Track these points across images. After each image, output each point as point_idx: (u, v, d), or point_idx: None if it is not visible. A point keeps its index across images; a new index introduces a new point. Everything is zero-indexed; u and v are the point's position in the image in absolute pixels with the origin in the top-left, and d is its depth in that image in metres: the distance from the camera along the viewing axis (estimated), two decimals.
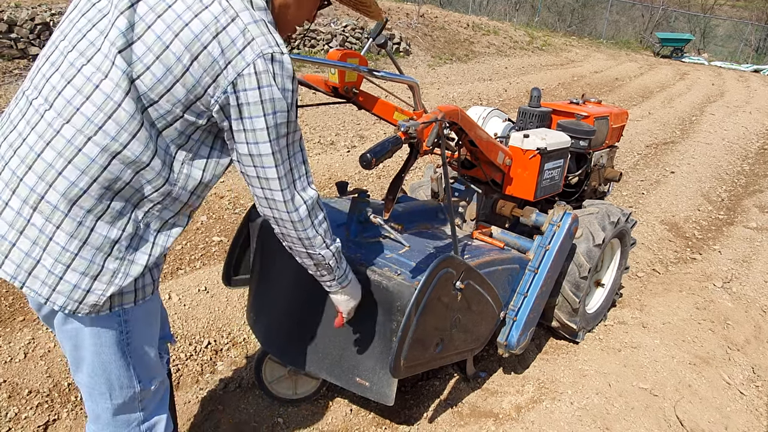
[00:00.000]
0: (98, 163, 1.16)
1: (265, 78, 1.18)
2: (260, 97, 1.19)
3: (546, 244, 2.42)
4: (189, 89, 1.17)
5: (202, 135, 1.27)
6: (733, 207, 5.54)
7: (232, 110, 1.20)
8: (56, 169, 1.16)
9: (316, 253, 1.44)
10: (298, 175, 1.33)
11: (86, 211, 1.18)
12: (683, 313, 3.24)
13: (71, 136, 1.16)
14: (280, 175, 1.28)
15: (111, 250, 1.23)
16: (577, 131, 2.86)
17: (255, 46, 1.17)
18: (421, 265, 1.90)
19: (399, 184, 1.74)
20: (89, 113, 1.16)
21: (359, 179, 4.95)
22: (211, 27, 1.15)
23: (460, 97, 8.91)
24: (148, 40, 1.15)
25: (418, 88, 1.82)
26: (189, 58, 1.15)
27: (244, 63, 1.16)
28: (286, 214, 1.34)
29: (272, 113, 1.21)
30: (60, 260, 1.19)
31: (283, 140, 1.26)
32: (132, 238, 1.25)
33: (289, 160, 1.29)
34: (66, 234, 1.18)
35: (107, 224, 1.21)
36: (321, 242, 1.43)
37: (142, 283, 1.32)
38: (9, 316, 2.63)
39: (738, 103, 11.57)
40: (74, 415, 2.22)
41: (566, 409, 2.35)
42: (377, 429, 2.28)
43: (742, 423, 2.45)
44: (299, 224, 1.36)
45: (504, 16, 22.73)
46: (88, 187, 1.17)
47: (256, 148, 1.24)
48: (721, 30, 27.18)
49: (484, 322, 2.19)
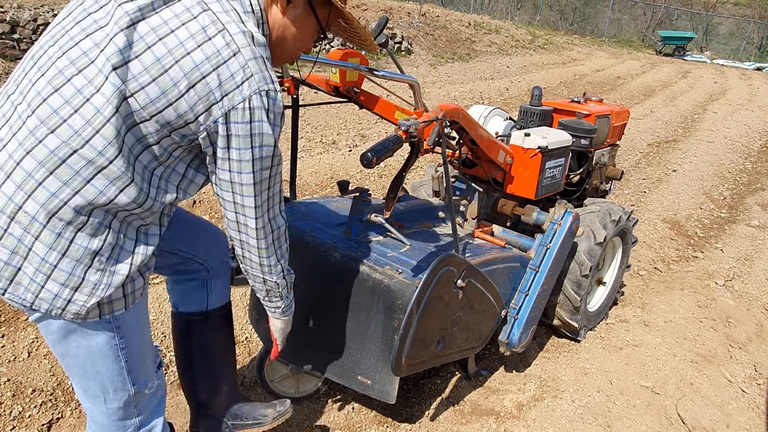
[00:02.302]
0: (82, 176, 1.15)
1: (257, 113, 1.21)
2: (251, 131, 1.22)
3: (547, 242, 2.43)
4: (180, 114, 1.18)
5: (182, 153, 1.28)
6: (735, 205, 5.53)
7: (220, 139, 1.22)
8: (36, 180, 1.14)
9: (273, 280, 1.49)
10: (272, 204, 1.37)
11: (66, 222, 1.16)
12: (685, 312, 3.24)
13: (55, 147, 1.13)
14: (257, 204, 1.32)
15: (92, 261, 1.21)
16: (579, 130, 2.86)
17: (253, 82, 1.19)
18: (422, 263, 1.90)
19: (400, 183, 1.75)
20: (77, 126, 1.14)
21: (361, 178, 4.96)
22: (213, 59, 1.16)
23: (462, 96, 8.91)
24: (146, 61, 1.14)
25: (418, 87, 1.82)
26: (186, 85, 1.16)
27: (240, 97, 1.19)
28: (255, 240, 1.38)
29: (259, 146, 1.24)
30: (40, 270, 1.18)
31: (266, 172, 1.29)
32: (113, 248, 1.24)
33: (268, 191, 1.33)
34: (45, 246, 1.16)
35: (88, 236, 1.19)
36: (280, 270, 1.48)
37: (132, 288, 1.31)
38: (13, 316, 2.65)
39: (740, 101, 11.55)
40: (78, 413, 2.23)
41: (568, 407, 2.35)
42: (379, 427, 2.29)
43: (744, 421, 2.45)
44: (264, 251, 1.41)
45: (506, 15, 22.70)
46: (69, 199, 1.15)
47: (238, 177, 1.27)
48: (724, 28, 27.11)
49: (485, 321, 2.20)
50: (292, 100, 2.11)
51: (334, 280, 1.92)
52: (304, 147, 5.68)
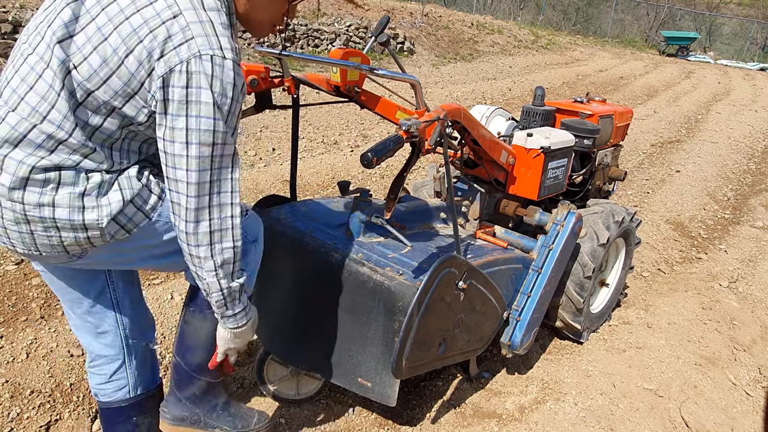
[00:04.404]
0: (45, 147, 1.19)
1: (195, 79, 1.14)
2: (186, 97, 1.15)
3: (550, 243, 2.41)
4: (125, 82, 1.17)
5: (147, 130, 1.28)
6: (739, 206, 5.50)
7: (158, 104, 1.18)
8: (1, 154, 1.19)
9: (205, 279, 1.32)
10: (216, 191, 1.24)
11: (41, 181, 1.21)
12: (689, 313, 3.21)
13: (15, 123, 1.18)
14: (190, 181, 1.20)
15: (82, 202, 1.25)
16: (581, 130, 2.84)
17: (193, 44, 1.14)
18: (423, 265, 1.89)
19: (401, 184, 1.73)
20: (33, 102, 1.18)
21: (363, 179, 4.94)
22: (151, 22, 1.14)
23: (464, 96, 8.89)
24: (89, 32, 1.15)
25: (419, 86, 1.80)
26: (125, 50, 1.14)
27: (177, 59, 1.14)
28: (183, 223, 1.25)
29: (196, 116, 1.16)
30: (48, 227, 1.24)
31: (205, 149, 1.18)
32: (100, 186, 1.26)
33: (209, 172, 1.21)
34: (33, 206, 1.21)
35: (68, 185, 1.23)
36: (212, 268, 1.30)
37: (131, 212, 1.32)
38: (12, 316, 2.64)
39: (744, 102, 11.51)
40: (76, 415, 2.22)
41: (570, 409, 2.33)
42: (379, 429, 2.27)
43: (749, 424, 2.42)
44: (192, 238, 1.26)
45: (508, 15, 22.69)
46: (37, 163, 1.19)
47: (171, 147, 1.19)
48: (727, 28, 27.05)
49: (487, 322, 2.18)
50: (293, 99, 2.10)
51: (334, 281, 1.91)
52: (305, 147, 5.68)
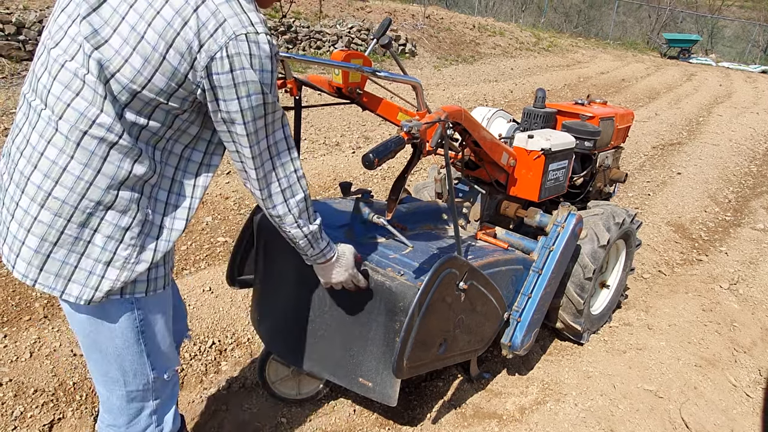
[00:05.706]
0: (98, 155, 1.19)
1: (237, 61, 1.16)
2: (233, 80, 1.17)
3: (550, 244, 2.41)
4: (169, 77, 1.17)
5: (190, 116, 1.29)
6: (740, 208, 5.50)
7: (207, 94, 1.20)
8: (60, 166, 1.19)
9: (287, 231, 1.45)
10: (276, 152, 1.33)
11: (96, 202, 1.22)
12: (689, 315, 3.22)
13: (67, 132, 1.18)
14: (255, 155, 1.28)
15: (123, 237, 1.26)
16: (582, 132, 2.85)
17: (227, 27, 1.14)
18: (424, 265, 1.90)
19: (402, 185, 1.74)
20: (81, 108, 1.17)
21: (364, 180, 4.95)
22: (183, 12, 1.13)
23: (466, 98, 8.90)
24: (123, 32, 1.14)
25: (420, 88, 1.81)
26: (164, 46, 1.14)
27: (216, 47, 1.14)
28: (258, 192, 1.35)
29: (246, 96, 1.20)
30: (74, 250, 1.23)
31: (260, 121, 1.25)
32: (143, 224, 1.28)
33: (266, 139, 1.29)
34: (77, 225, 1.22)
35: (118, 213, 1.24)
36: (292, 221, 1.42)
37: (155, 274, 1.35)
38: (15, 316, 2.65)
39: (745, 104, 11.50)
40: (79, 414, 2.23)
41: (570, 410, 2.34)
42: (380, 429, 2.28)
43: (749, 426, 2.43)
44: (269, 201, 1.37)
45: (510, 17, 22.69)
46: (94, 179, 1.20)
47: (233, 127, 1.24)
48: (729, 31, 27.02)
49: (487, 323, 2.19)
50: (295, 101, 2.11)
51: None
52: (307, 148, 5.69)
